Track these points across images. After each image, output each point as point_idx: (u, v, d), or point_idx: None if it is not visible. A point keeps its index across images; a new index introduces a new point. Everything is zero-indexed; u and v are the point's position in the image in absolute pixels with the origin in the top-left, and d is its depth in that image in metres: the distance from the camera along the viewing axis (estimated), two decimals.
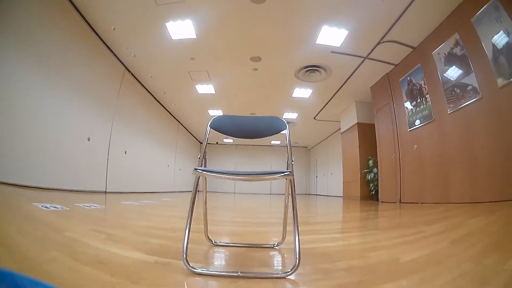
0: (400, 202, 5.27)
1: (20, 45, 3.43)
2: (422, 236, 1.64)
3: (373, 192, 6.60)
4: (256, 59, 5.51)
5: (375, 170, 6.64)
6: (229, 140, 14.18)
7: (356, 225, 2.21)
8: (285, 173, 0.82)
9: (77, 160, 4.57)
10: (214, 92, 7.18)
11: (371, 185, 6.65)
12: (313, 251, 1.21)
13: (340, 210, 3.95)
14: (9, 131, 3.31)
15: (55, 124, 4.10)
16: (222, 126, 1.30)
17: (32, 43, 3.61)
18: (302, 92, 7.15)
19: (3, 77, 3.21)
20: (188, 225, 0.96)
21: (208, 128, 1.26)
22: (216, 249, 1.24)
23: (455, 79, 4.05)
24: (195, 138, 13.99)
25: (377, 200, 6.44)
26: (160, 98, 7.84)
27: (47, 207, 2.35)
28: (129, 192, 6.04)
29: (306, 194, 15.41)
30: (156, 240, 1.37)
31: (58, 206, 2.46)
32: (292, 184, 0.92)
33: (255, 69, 5.92)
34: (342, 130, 8.42)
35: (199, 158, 1.17)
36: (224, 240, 1.46)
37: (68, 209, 2.39)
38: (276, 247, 1.26)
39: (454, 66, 4.06)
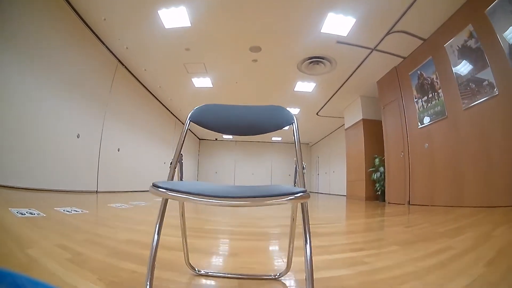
0: (409, 204, 5.01)
1: (5, 36, 3.19)
2: (451, 255, 1.37)
3: (379, 193, 6.33)
4: (256, 49, 5.18)
5: (381, 169, 6.37)
6: (228, 136, 13.91)
7: (371, 237, 1.94)
8: (297, 196, 0.54)
9: (65, 158, 4.32)
10: (211, 85, 6.85)
11: (377, 185, 6.38)
12: (327, 285, 0.94)
13: (348, 214, 3.69)
14: None
15: (40, 120, 3.84)
16: (207, 119, 1.00)
17: (17, 35, 3.35)
18: (305, 86, 6.82)
19: None
20: (151, 262, 0.69)
21: (187, 122, 0.98)
22: (199, 282, 0.96)
23: (470, 73, 3.78)
24: (194, 134, 13.73)
25: (383, 200, 6.18)
26: (156, 92, 7.55)
27: (22, 214, 2.10)
28: (122, 191, 5.79)
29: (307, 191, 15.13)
30: (129, 264, 1.10)
31: (35, 212, 2.20)
32: (305, 209, 0.64)
33: (255, 61, 5.59)
34: (346, 127, 8.12)
35: (170, 165, 0.88)
36: (212, 266, 1.19)
37: (45, 215, 2.14)
38: (279, 279, 0.98)
39: (468, 60, 3.80)
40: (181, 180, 0.94)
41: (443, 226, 2.31)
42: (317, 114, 8.95)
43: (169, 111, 9.20)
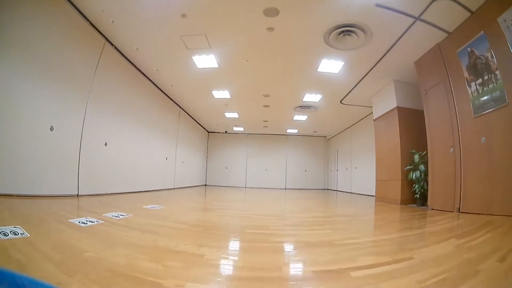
0: (459, 211, 4.16)
1: None
2: None
3: (418, 195, 5.38)
4: (272, 12, 4.05)
5: (421, 167, 5.41)
6: (239, 128, 13.09)
7: None
8: None
9: (36, 156, 3.62)
10: (217, 65, 5.77)
11: (416, 186, 5.41)
12: None
13: (392, 230, 2.79)
14: None
15: (2, 109, 3.15)
16: None
17: None
18: (331, 65, 5.71)
19: None
20: None
21: None
22: None
23: None
24: (202, 127, 12.96)
25: (422, 205, 5.30)
26: (154, 77, 6.70)
27: None
28: (111, 194, 5.06)
29: (324, 189, 14.30)
30: None
31: None
32: None
33: (271, 29, 4.45)
34: (375, 117, 7.10)
35: None
36: None
37: None
38: None
39: None
40: None
41: None
42: (340, 102, 7.92)
43: (171, 99, 8.35)
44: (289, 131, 13.38)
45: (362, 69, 5.79)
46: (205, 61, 5.61)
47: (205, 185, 13.70)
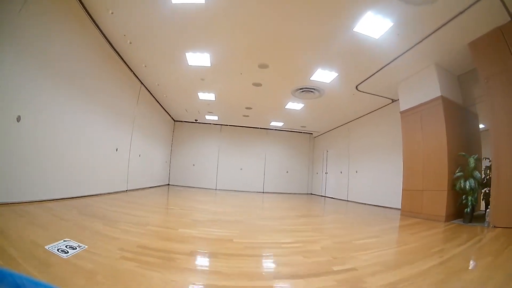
0: None
1: None
2: None
3: (468, 209, 4.43)
4: None
5: (476, 174, 4.46)
6: (213, 117, 11.55)
7: None
8: None
9: None
10: (203, 1, 3.93)
11: (469, 198, 4.43)
12: None
13: None
14: None
15: None
16: None
17: None
18: (375, 26, 4.23)
19: None
20: None
21: None
22: None
23: None
24: (168, 113, 11.23)
25: (470, 221, 4.40)
26: (107, 27, 4.90)
27: None
28: (24, 203, 3.38)
29: (308, 194, 13.36)
30: None
31: None
32: None
33: None
34: (403, 108, 6.04)
35: None
36: None
37: None
38: None
39: None
40: None
41: None
42: (356, 87, 6.75)
43: (129, 67, 6.55)
44: (273, 123, 12.08)
45: (410, 39, 4.53)
46: None
47: (168, 185, 12.02)
